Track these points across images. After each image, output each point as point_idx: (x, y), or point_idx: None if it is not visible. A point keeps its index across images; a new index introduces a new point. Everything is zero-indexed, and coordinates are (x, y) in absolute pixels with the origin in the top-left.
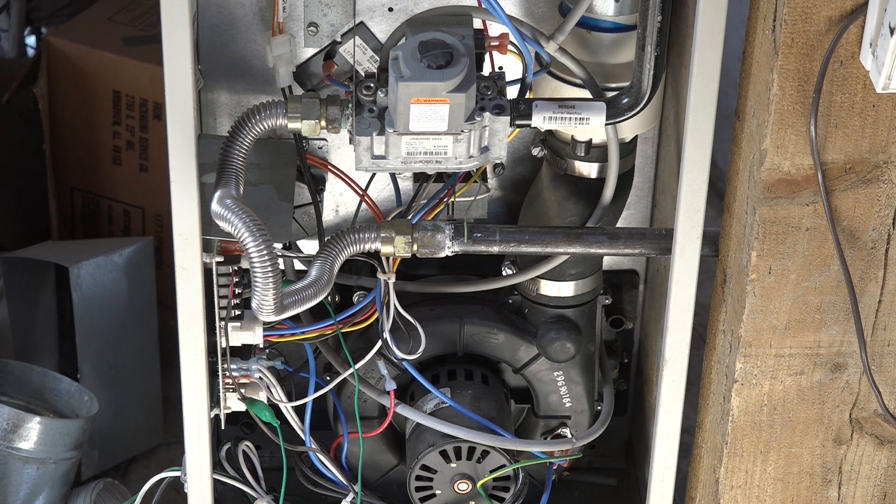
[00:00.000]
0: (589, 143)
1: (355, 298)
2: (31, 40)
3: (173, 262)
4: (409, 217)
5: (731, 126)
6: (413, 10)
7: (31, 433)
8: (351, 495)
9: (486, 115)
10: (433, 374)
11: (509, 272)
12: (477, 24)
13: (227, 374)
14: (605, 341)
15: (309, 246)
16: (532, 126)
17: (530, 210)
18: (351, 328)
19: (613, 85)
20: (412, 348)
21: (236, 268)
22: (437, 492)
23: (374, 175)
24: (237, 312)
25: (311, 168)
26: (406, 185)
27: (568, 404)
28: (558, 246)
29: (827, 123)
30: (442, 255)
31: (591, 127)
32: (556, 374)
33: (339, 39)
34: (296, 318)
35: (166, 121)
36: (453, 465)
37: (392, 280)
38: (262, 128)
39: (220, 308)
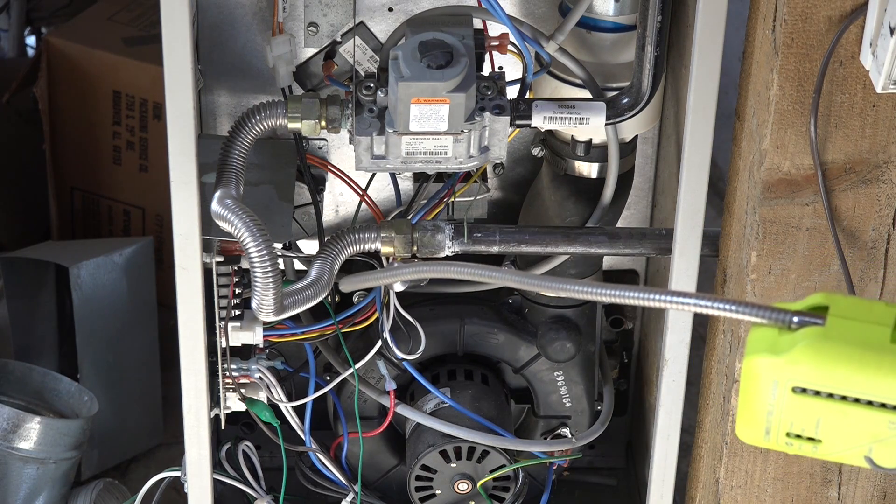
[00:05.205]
0: (589, 143)
1: (355, 298)
2: (31, 40)
3: (173, 262)
4: (409, 217)
5: (731, 126)
6: (413, 10)
7: (31, 433)
8: (351, 495)
9: (486, 115)
10: (433, 374)
11: None
12: (477, 24)
13: (227, 374)
14: (605, 341)
15: (309, 246)
16: (532, 126)
17: (530, 210)
18: (351, 328)
19: (613, 85)
20: (412, 348)
21: (236, 268)
22: (437, 492)
23: (374, 175)
24: (237, 312)
25: (311, 168)
26: (406, 185)
27: (568, 404)
28: (558, 246)
29: (827, 123)
30: (442, 255)
31: (591, 127)
32: (556, 374)
33: (339, 39)
34: (296, 318)
35: (166, 121)
36: (453, 465)
37: None
38: (262, 128)
39: (220, 308)
